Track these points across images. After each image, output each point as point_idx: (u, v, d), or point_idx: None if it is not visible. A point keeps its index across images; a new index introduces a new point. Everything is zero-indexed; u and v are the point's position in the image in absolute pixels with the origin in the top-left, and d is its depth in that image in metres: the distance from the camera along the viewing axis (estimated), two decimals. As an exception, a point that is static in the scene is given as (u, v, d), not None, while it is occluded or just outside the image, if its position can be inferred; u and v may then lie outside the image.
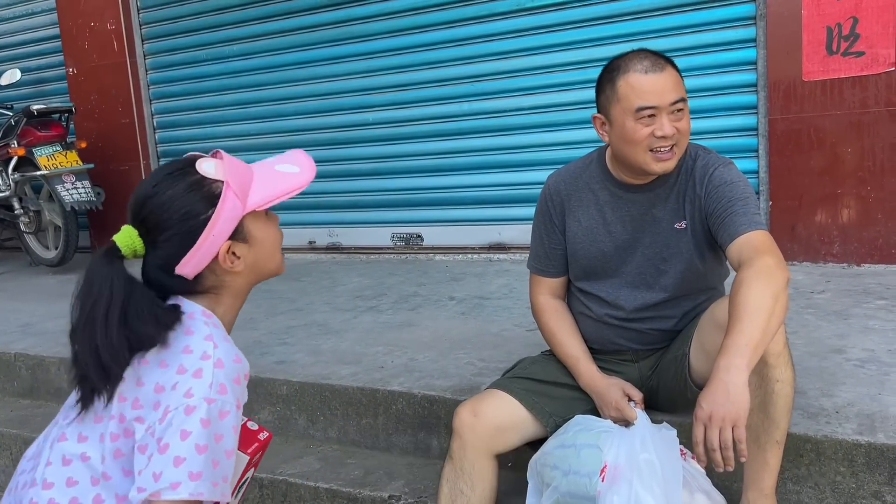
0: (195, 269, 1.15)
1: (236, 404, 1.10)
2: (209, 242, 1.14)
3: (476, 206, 4.27)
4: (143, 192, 1.17)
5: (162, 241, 1.15)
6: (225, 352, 1.12)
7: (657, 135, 1.64)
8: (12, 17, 5.62)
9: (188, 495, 1.03)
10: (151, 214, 1.15)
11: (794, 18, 3.23)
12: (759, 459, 1.58)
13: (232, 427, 1.09)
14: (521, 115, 4.05)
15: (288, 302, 3.54)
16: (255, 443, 1.29)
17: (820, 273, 3.23)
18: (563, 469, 1.65)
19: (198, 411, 1.05)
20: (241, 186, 1.16)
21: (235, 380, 1.11)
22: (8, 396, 3.12)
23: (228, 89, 4.89)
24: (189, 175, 1.16)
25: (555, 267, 1.91)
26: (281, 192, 1.20)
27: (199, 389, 1.06)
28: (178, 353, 1.11)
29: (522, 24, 3.96)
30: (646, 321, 1.83)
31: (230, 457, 1.09)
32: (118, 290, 1.11)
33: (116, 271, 1.13)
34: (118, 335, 1.09)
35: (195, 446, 1.04)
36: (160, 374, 1.10)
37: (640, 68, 1.65)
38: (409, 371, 2.41)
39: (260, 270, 1.23)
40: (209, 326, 1.15)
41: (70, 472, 1.14)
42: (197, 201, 1.14)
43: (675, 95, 1.64)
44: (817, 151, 3.29)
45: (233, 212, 1.15)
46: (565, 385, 1.83)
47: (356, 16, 4.38)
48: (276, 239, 1.25)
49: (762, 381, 1.52)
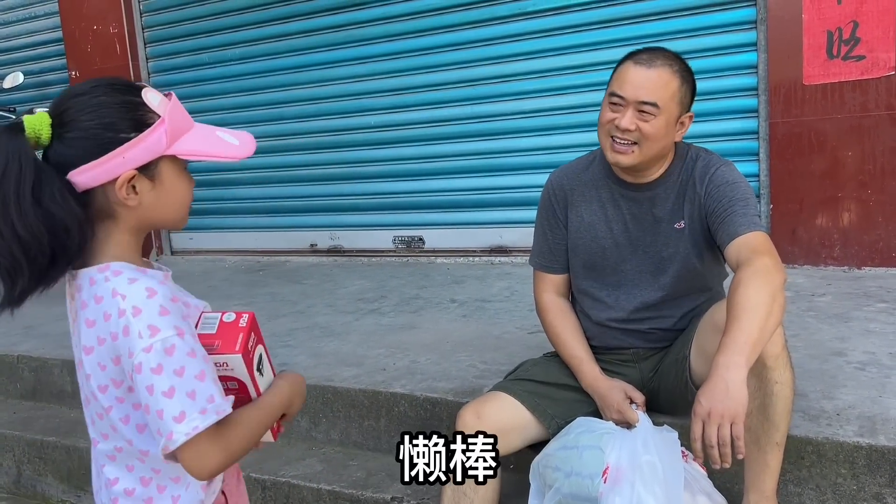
0: (89, 181, 1.09)
1: (176, 332, 1.07)
2: (116, 162, 1.08)
3: (477, 210, 4.27)
4: (78, 88, 1.13)
5: (69, 139, 1.09)
6: (135, 296, 1.08)
7: (616, 123, 1.69)
8: (15, 20, 5.64)
9: (185, 436, 1.04)
10: (72, 109, 1.09)
11: (795, 22, 3.25)
12: (759, 461, 1.59)
13: (186, 354, 1.07)
14: (522, 119, 4.06)
15: (290, 304, 3.54)
16: (238, 333, 1.20)
17: (821, 276, 3.24)
18: (566, 470, 1.65)
19: (144, 364, 1.05)
20: (174, 129, 1.12)
21: (160, 312, 1.07)
22: (10, 398, 3.13)
23: (230, 92, 4.91)
24: (130, 94, 1.12)
25: (559, 262, 1.92)
26: (210, 153, 1.15)
27: (134, 345, 1.05)
28: (103, 323, 1.09)
29: (521, 29, 3.97)
30: (645, 321, 1.84)
31: (204, 378, 1.07)
32: (28, 166, 1.04)
33: (23, 148, 1.06)
34: (34, 214, 1.04)
35: (162, 394, 1.04)
36: (106, 349, 1.10)
37: (636, 59, 1.70)
38: (411, 373, 2.42)
39: (156, 216, 1.17)
40: (109, 281, 1.11)
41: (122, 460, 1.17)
42: (124, 119, 1.10)
43: (646, 96, 1.66)
44: (818, 155, 3.30)
45: (155, 145, 1.10)
46: (567, 387, 1.84)
47: (357, 20, 4.40)
48: (184, 195, 1.19)
49: (761, 382, 1.53)
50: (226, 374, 1.18)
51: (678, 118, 1.72)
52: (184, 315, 1.12)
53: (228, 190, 5.01)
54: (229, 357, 1.18)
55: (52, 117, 1.10)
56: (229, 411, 1.10)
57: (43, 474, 2.73)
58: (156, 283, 1.11)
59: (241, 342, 1.18)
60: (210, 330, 1.18)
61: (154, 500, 1.17)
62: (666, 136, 1.70)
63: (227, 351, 1.17)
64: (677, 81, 1.69)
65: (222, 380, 1.15)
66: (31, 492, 2.77)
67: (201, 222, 5.05)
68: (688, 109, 1.74)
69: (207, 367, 1.10)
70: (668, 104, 1.67)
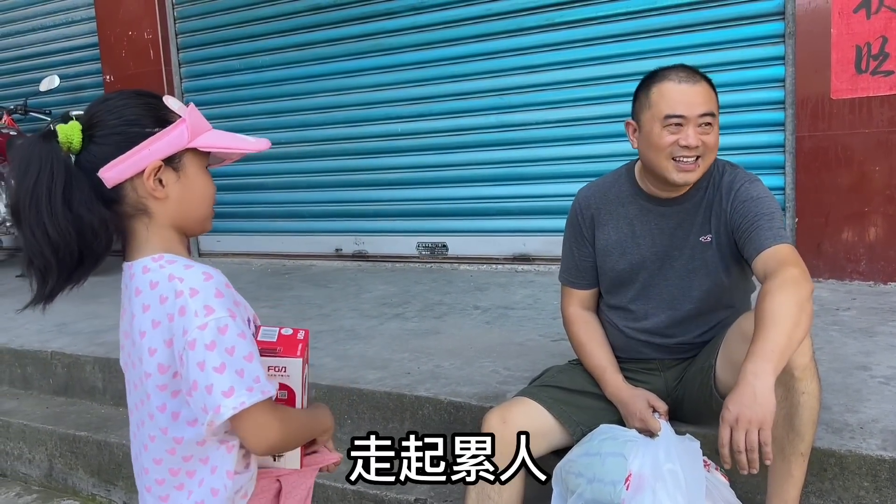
0: (118, 175, 1.16)
1: (229, 314, 1.13)
2: (142, 154, 1.15)
3: (501, 217, 4.31)
4: (105, 96, 1.22)
5: (99, 137, 1.16)
6: (193, 279, 1.14)
7: (681, 144, 1.69)
8: (53, 25, 5.78)
9: (232, 410, 1.09)
10: (100, 113, 1.17)
11: (824, 37, 3.25)
12: (783, 471, 1.60)
13: (237, 335, 1.12)
14: (547, 128, 4.09)
15: (315, 308, 3.60)
16: (298, 343, 1.29)
17: (845, 290, 3.23)
18: (588, 476, 1.67)
19: (198, 341, 1.10)
20: (194, 127, 1.19)
21: (216, 294, 1.13)
22: (44, 393, 3.20)
23: (260, 98, 4.99)
24: (152, 98, 1.21)
25: (585, 279, 1.95)
26: (228, 146, 1.23)
27: (189, 323, 1.11)
28: (158, 307, 1.15)
29: (551, 39, 4.01)
30: (672, 336, 1.86)
31: (252, 359, 1.13)
32: (59, 170, 1.11)
33: (56, 153, 1.13)
34: (64, 216, 1.11)
35: (213, 369, 1.09)
36: (160, 332, 1.15)
37: (675, 78, 1.71)
38: (435, 377, 2.45)
39: (185, 211, 1.22)
40: (164, 268, 1.17)
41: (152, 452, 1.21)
42: (147, 115, 1.18)
43: (704, 109, 1.68)
44: (845, 169, 3.29)
45: (178, 139, 1.17)
46: (592, 394, 1.87)
47: (385, 29, 4.46)
48: (208, 190, 1.25)
49: (788, 392, 1.54)
50: (280, 382, 1.25)
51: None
52: (235, 301, 1.18)
53: (256, 194, 5.09)
54: (290, 361, 1.25)
55: (82, 124, 1.18)
56: (273, 393, 1.15)
57: (74, 468, 2.79)
58: (211, 270, 1.18)
59: (301, 349, 1.27)
60: (270, 339, 1.26)
61: (185, 485, 1.21)
62: (718, 145, 1.75)
63: (288, 355, 1.25)
64: (715, 93, 1.74)
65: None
66: (63, 485, 2.84)
67: (228, 225, 5.14)
68: None
69: (255, 350, 1.15)
70: (717, 113, 1.72)
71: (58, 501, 2.77)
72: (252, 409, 1.11)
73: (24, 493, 2.85)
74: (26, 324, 3.60)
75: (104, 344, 3.12)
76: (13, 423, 2.94)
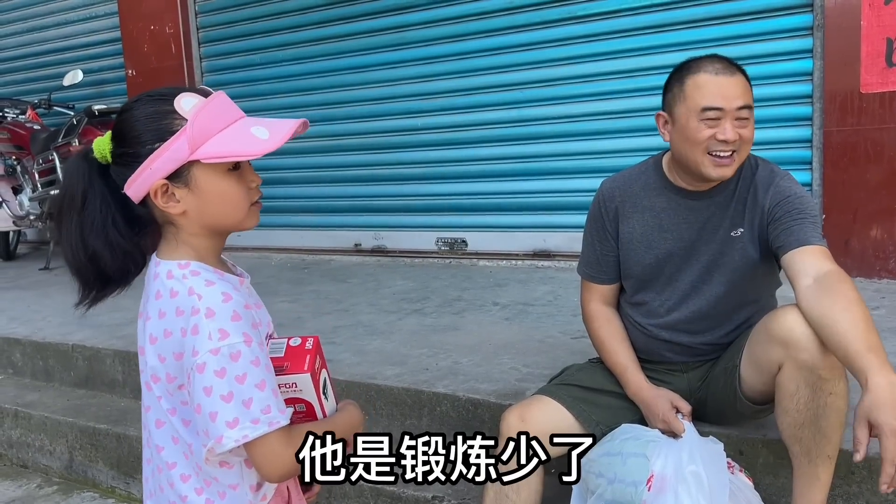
0: (136, 193, 1.15)
1: (244, 340, 1.09)
2: (147, 173, 1.13)
3: (521, 213, 4.27)
4: (127, 103, 1.19)
5: (118, 155, 1.16)
6: (210, 298, 1.11)
7: (719, 138, 1.63)
8: (76, 19, 5.83)
9: (234, 443, 1.07)
10: (120, 126, 1.16)
11: (853, 29, 3.17)
12: (809, 474, 1.56)
13: (250, 363, 1.09)
14: (570, 123, 4.05)
15: (334, 302, 3.59)
16: (305, 355, 1.24)
17: (874, 289, 3.16)
18: (609, 477, 1.65)
19: (208, 366, 1.07)
20: (200, 133, 1.12)
21: (233, 318, 1.10)
22: (65, 386, 3.23)
23: (281, 93, 5.00)
24: (164, 103, 1.14)
25: (606, 273, 1.91)
26: (230, 154, 1.15)
27: (201, 345, 1.08)
28: (174, 317, 1.12)
29: (573, 33, 3.96)
30: (695, 334, 1.82)
31: (263, 388, 1.10)
32: (78, 194, 1.14)
33: (81, 174, 1.15)
34: (76, 241, 1.14)
35: (220, 398, 1.07)
36: (171, 343, 1.13)
37: (711, 69, 1.65)
38: (454, 374, 2.43)
39: (210, 221, 1.18)
40: (187, 279, 1.14)
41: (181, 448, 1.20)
42: (152, 130, 1.13)
43: (742, 101, 1.64)
44: (874, 165, 3.22)
45: (176, 153, 1.12)
46: (612, 393, 1.83)
47: (409, 22, 4.44)
48: (231, 195, 1.18)
49: (815, 393, 1.50)
50: (294, 397, 1.22)
51: None
52: (254, 323, 1.15)
53: (276, 189, 5.10)
54: (298, 377, 1.22)
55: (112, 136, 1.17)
56: (284, 424, 1.12)
57: (94, 461, 2.81)
58: (231, 289, 1.15)
59: (309, 362, 1.23)
60: (278, 354, 1.23)
61: (203, 490, 1.19)
62: (754, 138, 1.71)
63: (296, 371, 1.22)
64: (750, 84, 1.69)
65: (291, 402, 1.19)
66: (83, 477, 2.86)
67: (249, 220, 5.15)
68: None
69: (269, 378, 1.12)
70: (752, 105, 1.68)
71: (78, 493, 2.79)
72: (262, 439, 1.09)
73: (44, 484, 2.88)
74: (49, 316, 3.63)
75: (124, 337, 3.14)
76: (34, 416, 2.97)
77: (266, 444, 1.10)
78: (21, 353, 3.38)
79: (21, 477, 2.95)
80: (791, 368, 1.53)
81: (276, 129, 1.19)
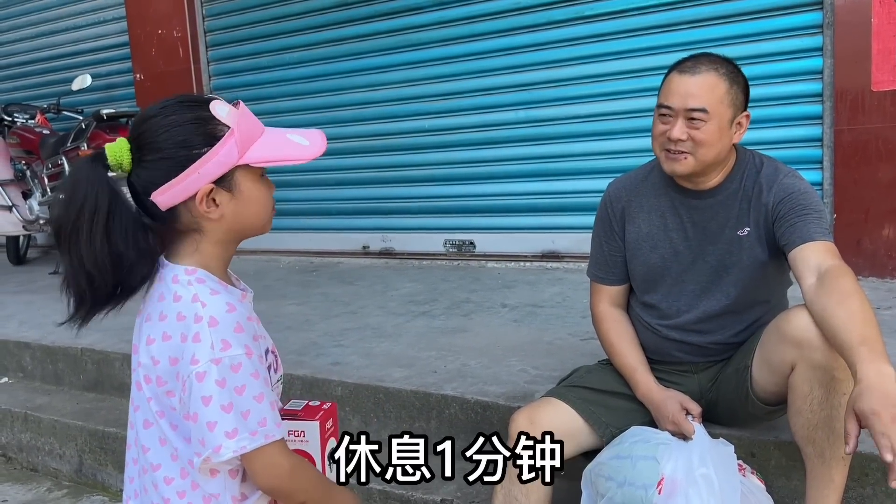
0: (171, 200, 1.13)
1: (245, 352, 1.10)
2: (193, 178, 1.12)
3: (529, 214, 4.26)
4: (149, 110, 1.16)
5: (148, 161, 1.13)
6: (215, 307, 1.11)
7: (667, 135, 1.67)
8: (85, 24, 5.85)
9: (232, 453, 1.08)
10: (148, 132, 1.13)
11: (864, 27, 3.15)
12: (823, 476, 1.54)
13: (250, 375, 1.10)
14: (576, 124, 4.03)
15: (342, 305, 3.58)
16: (320, 410, 1.30)
17: (886, 289, 3.13)
18: (619, 480, 1.63)
19: (209, 375, 1.07)
20: (244, 138, 1.14)
21: (235, 329, 1.11)
22: (74, 389, 3.23)
23: (287, 96, 5.00)
24: (199, 109, 1.15)
25: (615, 274, 1.89)
26: (281, 157, 1.18)
27: (203, 353, 1.08)
28: (174, 322, 1.12)
29: (580, 33, 3.95)
30: (706, 334, 1.80)
31: (261, 400, 1.10)
32: (103, 199, 1.10)
33: (103, 181, 1.11)
34: (101, 248, 1.09)
35: (220, 407, 1.07)
36: (168, 347, 1.12)
37: (680, 68, 1.69)
38: (462, 376, 2.42)
39: (241, 226, 1.20)
40: (192, 286, 1.14)
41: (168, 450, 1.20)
42: (196, 134, 1.13)
43: (694, 103, 1.63)
44: (886, 163, 3.19)
45: (227, 157, 1.13)
46: (622, 395, 1.82)
47: (412, 24, 4.44)
48: (264, 201, 1.21)
49: (829, 394, 1.49)
50: (299, 448, 1.26)
51: (732, 120, 1.67)
52: (255, 335, 1.16)
53: (284, 192, 5.08)
54: (307, 424, 1.27)
55: (130, 142, 1.15)
56: (278, 438, 1.13)
57: (103, 464, 2.81)
58: (235, 301, 1.15)
59: (322, 415, 1.29)
60: (297, 408, 1.31)
61: (186, 494, 1.18)
62: (721, 140, 1.66)
63: (307, 418, 1.28)
64: (725, 84, 1.65)
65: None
66: (92, 480, 2.86)
67: (257, 222, 5.15)
68: (743, 109, 1.70)
69: (267, 391, 1.13)
70: (717, 108, 1.64)
71: (87, 497, 2.79)
72: (261, 450, 1.10)
73: (54, 488, 2.88)
74: (58, 320, 3.64)
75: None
76: (44, 419, 2.97)
77: (266, 455, 1.11)
78: (31, 356, 3.39)
79: (31, 480, 2.96)
80: (804, 369, 1.51)
81: (310, 136, 1.23)
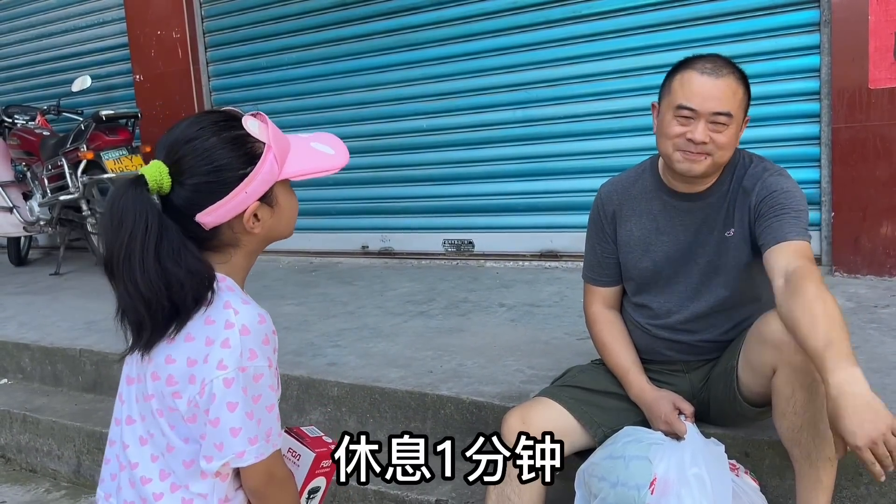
0: (217, 220, 1.15)
1: (268, 364, 1.14)
2: (240, 199, 1.14)
3: (527, 214, 4.26)
4: (186, 133, 1.16)
5: (190, 185, 1.14)
6: (248, 316, 1.13)
7: (688, 137, 1.64)
8: (85, 25, 5.86)
9: (254, 459, 1.12)
10: (189, 157, 1.14)
11: (861, 24, 3.14)
12: (811, 478, 1.54)
13: (268, 386, 1.14)
14: (574, 123, 4.03)
15: (340, 305, 3.59)
16: (325, 446, 1.35)
17: (884, 287, 3.12)
18: (612, 480, 1.63)
19: (236, 382, 1.09)
20: (280, 152, 1.17)
21: (264, 341, 1.14)
22: (73, 391, 3.24)
23: (286, 96, 5.00)
24: (234, 129, 1.17)
25: (608, 276, 1.90)
26: (315, 169, 1.22)
27: (231, 360, 1.09)
28: (201, 324, 1.13)
29: (576, 32, 3.94)
30: (696, 332, 1.80)
31: (271, 411, 1.15)
32: (153, 224, 1.10)
33: (149, 205, 1.11)
34: (155, 271, 1.09)
35: (245, 414, 1.10)
36: (188, 347, 1.13)
37: (700, 69, 1.64)
38: (458, 376, 2.42)
39: (273, 236, 1.24)
40: (225, 292, 1.15)
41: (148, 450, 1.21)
42: (238, 156, 1.14)
43: (719, 107, 1.61)
44: (883, 161, 3.18)
45: (269, 175, 1.16)
46: (615, 395, 1.82)
47: (410, 24, 4.44)
48: (296, 210, 1.26)
49: (811, 396, 1.48)
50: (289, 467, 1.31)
51: (742, 123, 1.69)
52: (275, 349, 1.19)
53: (283, 191, 5.11)
54: (306, 452, 1.33)
55: (167, 165, 1.15)
56: (279, 447, 1.18)
57: (101, 465, 2.81)
58: (265, 313, 1.18)
59: (324, 451, 1.35)
60: (309, 434, 1.38)
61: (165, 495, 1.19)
62: (736, 143, 1.68)
63: (310, 446, 1.33)
64: (742, 88, 1.66)
65: None
66: (90, 482, 2.86)
67: (256, 223, 5.15)
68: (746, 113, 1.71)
69: (276, 403, 1.18)
70: (738, 112, 1.64)
71: (86, 498, 2.80)
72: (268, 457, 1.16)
73: (53, 489, 2.89)
74: (58, 321, 3.65)
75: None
76: (42, 420, 2.98)
77: (270, 461, 1.16)
78: (30, 357, 3.40)
79: (29, 482, 2.97)
80: (785, 372, 1.51)
81: (331, 143, 1.27)
